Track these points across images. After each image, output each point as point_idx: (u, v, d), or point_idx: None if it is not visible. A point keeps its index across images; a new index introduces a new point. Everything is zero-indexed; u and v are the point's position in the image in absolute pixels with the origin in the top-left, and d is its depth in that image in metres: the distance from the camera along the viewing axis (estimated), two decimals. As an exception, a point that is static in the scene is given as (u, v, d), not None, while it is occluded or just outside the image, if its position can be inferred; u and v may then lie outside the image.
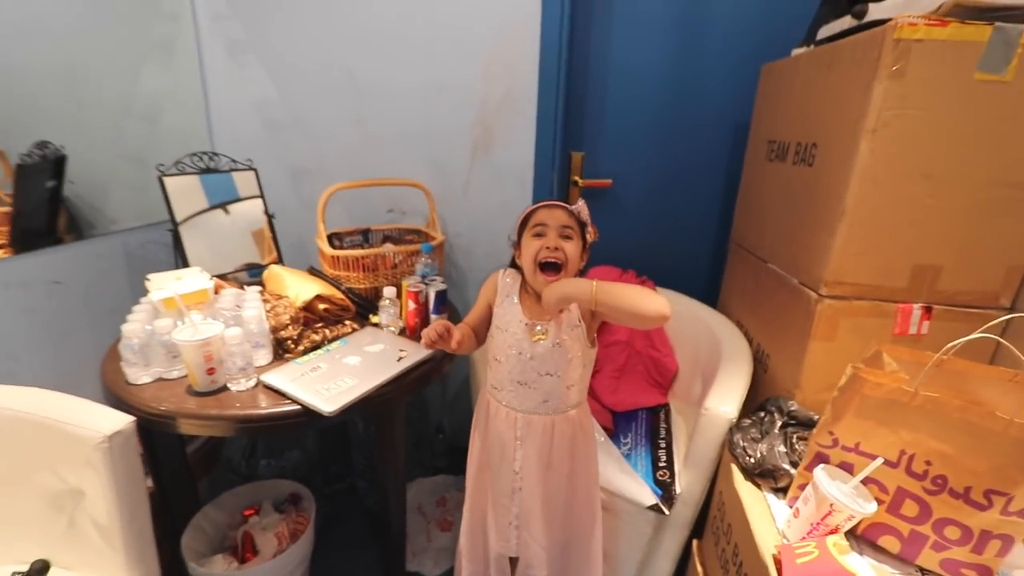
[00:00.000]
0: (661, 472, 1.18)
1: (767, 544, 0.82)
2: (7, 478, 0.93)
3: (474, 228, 1.66)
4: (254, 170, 1.51)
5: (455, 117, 1.56)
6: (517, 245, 1.03)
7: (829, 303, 0.97)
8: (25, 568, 0.91)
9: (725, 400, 1.09)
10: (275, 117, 1.67)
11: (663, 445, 1.27)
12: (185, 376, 1.02)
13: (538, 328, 1.00)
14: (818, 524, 0.78)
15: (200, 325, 1.00)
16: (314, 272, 1.42)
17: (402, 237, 1.65)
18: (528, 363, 1.00)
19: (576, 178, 1.65)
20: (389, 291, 1.30)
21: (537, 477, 1.04)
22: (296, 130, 1.67)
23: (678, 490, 1.12)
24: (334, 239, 1.55)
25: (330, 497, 1.66)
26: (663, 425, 1.35)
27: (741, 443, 1.00)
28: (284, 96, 1.65)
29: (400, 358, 1.15)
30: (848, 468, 0.81)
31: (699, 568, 1.13)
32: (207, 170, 1.44)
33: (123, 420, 0.88)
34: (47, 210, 1.29)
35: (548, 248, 0.94)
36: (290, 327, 1.15)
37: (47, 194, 1.28)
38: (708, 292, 1.62)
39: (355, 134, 1.64)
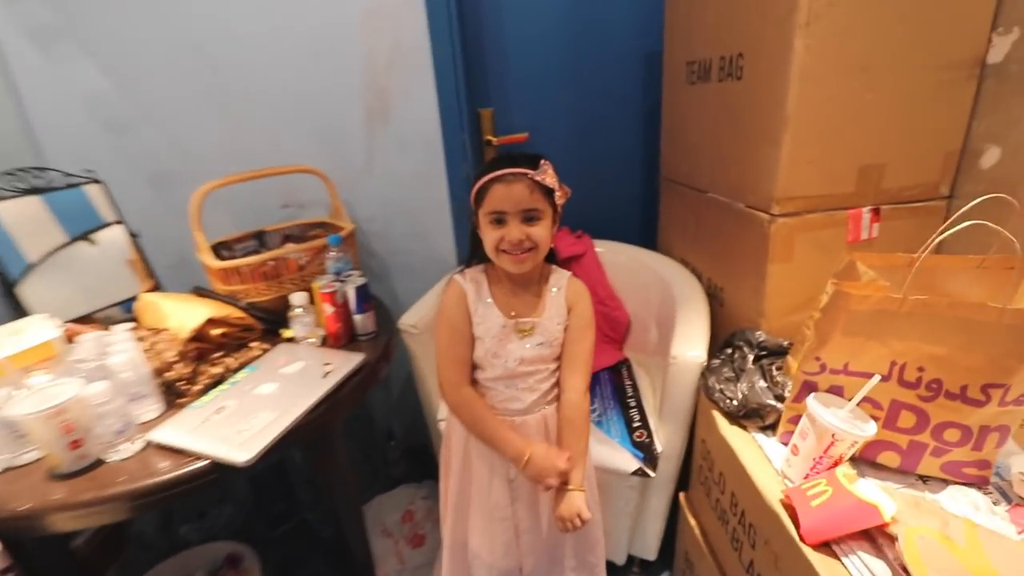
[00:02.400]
0: (638, 433, 1.10)
1: (771, 489, 0.75)
2: None
3: (387, 208, 1.47)
4: (98, 182, 1.22)
5: (340, 84, 1.33)
6: (475, 215, 0.86)
7: (783, 222, 0.90)
8: None
9: (691, 344, 1.01)
10: (116, 115, 1.36)
11: (632, 404, 1.19)
12: (43, 458, 0.79)
13: (523, 324, 0.86)
14: (821, 458, 0.72)
15: (47, 389, 0.76)
16: (201, 293, 1.18)
17: (305, 234, 1.43)
18: (516, 367, 0.86)
19: (489, 137, 1.49)
20: (298, 298, 1.09)
21: (540, 494, 0.92)
22: (146, 127, 1.38)
23: (659, 448, 1.05)
24: (222, 249, 1.30)
25: (280, 541, 1.46)
26: (628, 383, 1.28)
27: (717, 386, 0.93)
28: (122, 88, 1.34)
29: (326, 373, 0.97)
30: (838, 391, 0.76)
31: (692, 521, 1.07)
32: (33, 190, 1.13)
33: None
34: None
35: (510, 243, 0.80)
36: (179, 365, 0.93)
37: None
38: (645, 235, 1.55)
39: (221, 122, 1.37)
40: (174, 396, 0.93)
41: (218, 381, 0.96)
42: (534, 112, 1.51)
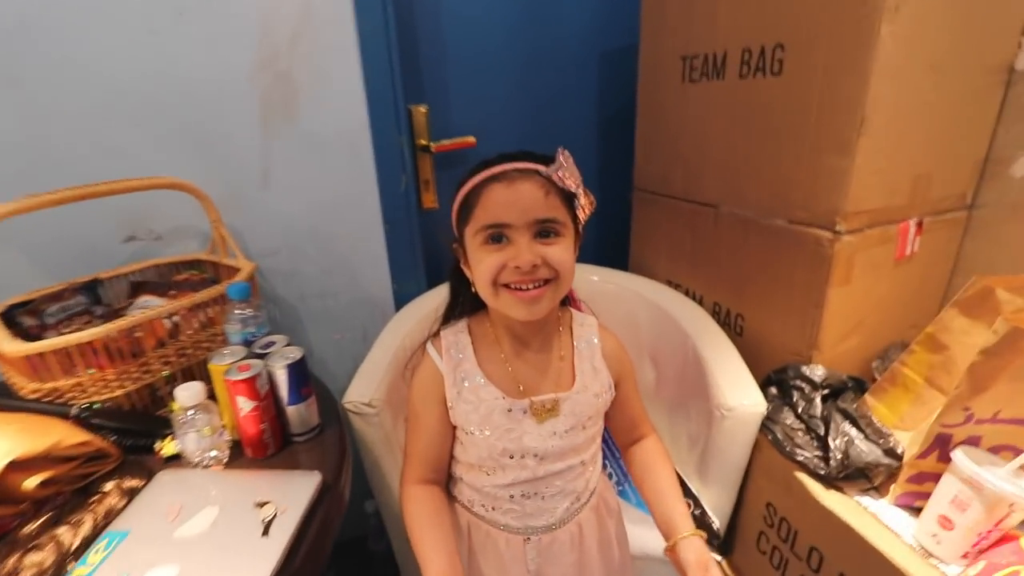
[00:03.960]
0: (680, 503, 0.89)
1: (923, 575, 0.60)
2: None
3: (294, 237, 1.06)
4: None
5: (221, 60, 0.91)
6: (460, 245, 0.58)
7: (847, 240, 0.78)
8: None
9: (744, 390, 0.84)
10: None
11: (658, 463, 0.99)
12: None
13: (541, 404, 0.58)
14: (989, 532, 0.59)
15: None
16: (-10, 403, 0.68)
17: (168, 280, 0.96)
18: (538, 468, 0.59)
19: (424, 142, 1.18)
20: (186, 392, 0.67)
21: None
22: None
23: (717, 523, 0.86)
24: (22, 316, 0.80)
25: None
26: (638, 434, 1.07)
27: (794, 441, 0.77)
28: None
29: (267, 521, 0.58)
30: (974, 442, 0.64)
31: (747, 596, 0.90)
32: None
33: None
34: None
35: (519, 269, 0.52)
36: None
37: None
38: (610, 255, 1.37)
39: (15, 116, 0.85)
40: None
41: (50, 580, 0.52)
42: (478, 112, 1.23)
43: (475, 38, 1.18)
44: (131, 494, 0.63)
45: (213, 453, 0.70)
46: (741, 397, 0.83)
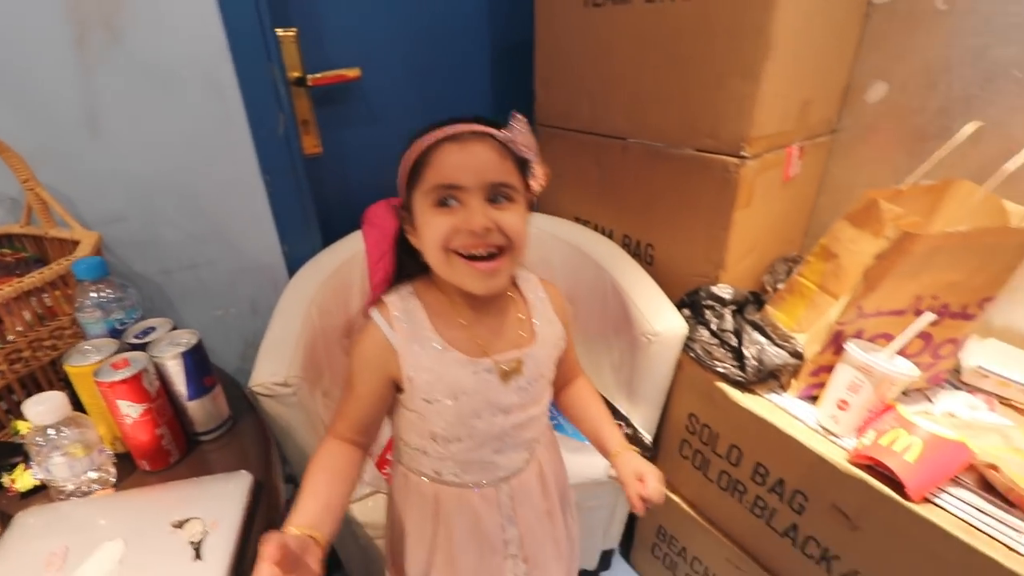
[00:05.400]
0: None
1: (826, 450, 0.70)
2: None
3: (147, 197, 0.85)
4: None
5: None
6: (407, 211, 0.53)
7: (751, 165, 0.83)
8: None
9: (666, 316, 0.88)
10: None
11: (588, 393, 1.02)
12: None
13: (506, 364, 0.55)
14: (876, 407, 0.70)
15: None
16: None
17: (-36, 265, 0.72)
18: (504, 422, 0.57)
19: (295, 73, 1.00)
20: (45, 407, 0.51)
21: (542, 541, 0.68)
22: None
23: (648, 438, 0.92)
24: None
25: None
26: (565, 370, 1.09)
27: (712, 354, 0.84)
28: None
29: (196, 543, 0.48)
30: (858, 335, 0.75)
31: (673, 497, 1.00)
32: None
33: None
34: None
35: (473, 232, 0.48)
36: None
37: None
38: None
39: None
40: None
41: None
42: (359, 40, 1.07)
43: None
44: (-17, 548, 0.48)
45: (93, 475, 0.56)
46: (664, 322, 0.88)
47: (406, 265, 0.57)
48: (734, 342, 0.84)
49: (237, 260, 0.96)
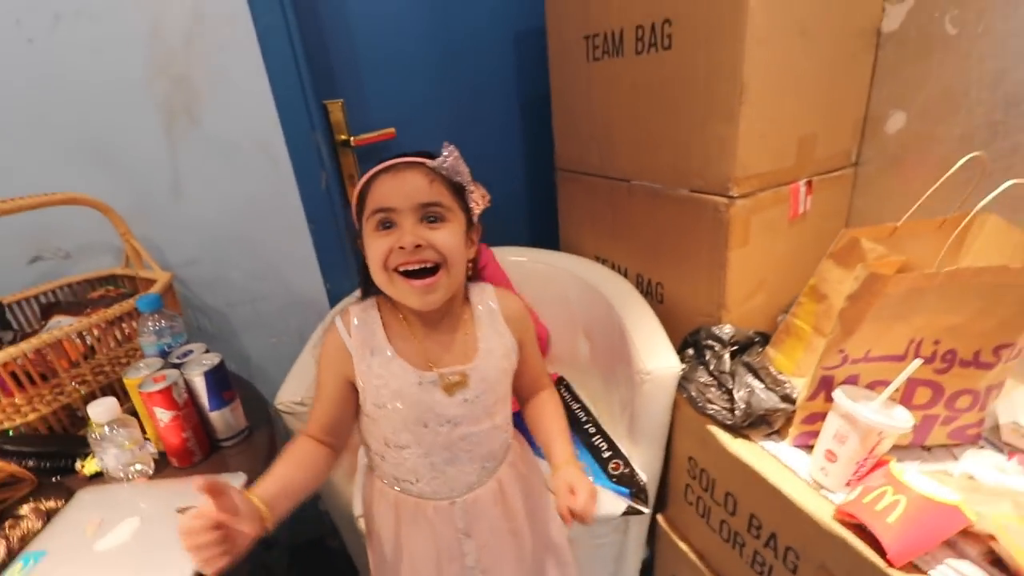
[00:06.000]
0: (613, 464, 0.94)
1: (815, 506, 0.66)
2: None
3: (214, 245, 1.05)
4: None
5: (110, 66, 0.88)
6: (359, 237, 0.61)
7: (741, 204, 0.82)
8: None
9: (661, 354, 0.88)
10: None
11: (592, 430, 1.03)
12: None
13: (451, 377, 0.60)
14: (865, 459, 0.65)
15: None
16: None
17: (84, 298, 0.94)
18: (452, 433, 0.62)
19: (344, 136, 1.18)
20: (99, 409, 0.67)
21: (501, 555, 0.70)
22: None
23: (644, 479, 0.91)
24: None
25: None
26: (575, 405, 1.11)
27: (706, 396, 0.82)
28: None
29: (190, 526, 0.59)
30: (853, 380, 0.70)
31: (682, 545, 0.96)
32: None
33: None
34: None
35: (403, 249, 0.55)
36: None
37: None
38: (541, 235, 1.40)
39: None
40: None
41: (-39, 609, 0.52)
42: (396, 104, 1.23)
43: (386, 31, 1.17)
44: (49, 515, 0.63)
45: (138, 467, 0.71)
46: (657, 361, 0.88)
47: (370, 286, 0.63)
48: (728, 384, 0.82)
49: (287, 295, 1.13)
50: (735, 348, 0.88)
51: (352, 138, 1.18)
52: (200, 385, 0.71)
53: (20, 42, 0.82)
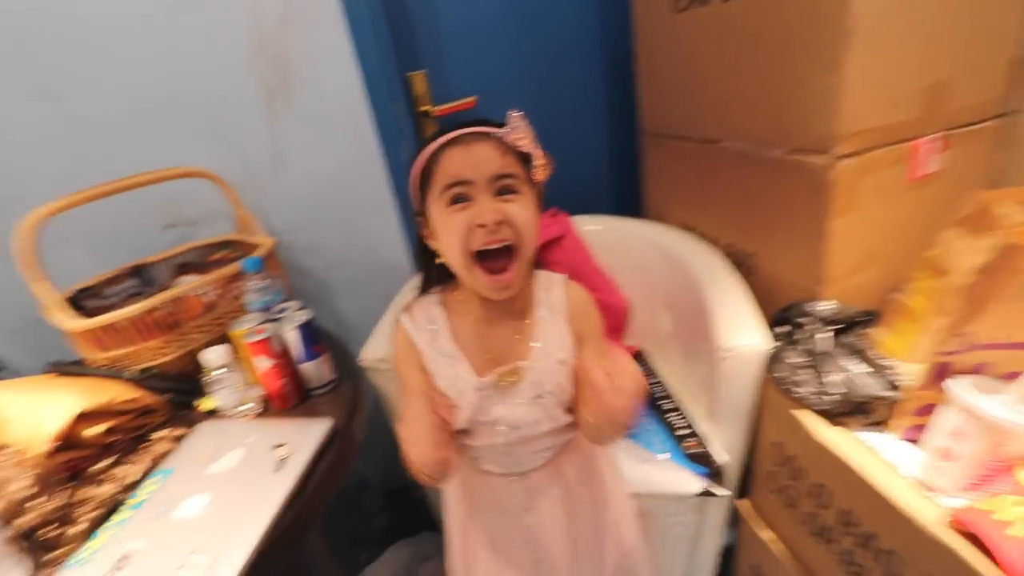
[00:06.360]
0: (688, 443, 0.90)
1: (924, 511, 0.58)
2: None
3: (312, 212, 1.14)
4: None
5: (220, 53, 0.98)
6: (423, 218, 0.60)
7: (847, 164, 0.72)
8: None
9: (746, 330, 0.82)
10: None
11: (669, 406, 1.00)
12: None
13: (507, 377, 0.60)
14: (988, 462, 0.56)
15: None
16: (64, 371, 0.81)
17: (206, 260, 1.07)
18: (510, 435, 0.62)
19: (426, 108, 1.20)
20: (215, 354, 0.77)
21: (560, 536, 0.70)
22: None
23: (722, 458, 0.86)
24: (86, 299, 0.93)
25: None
26: (652, 381, 1.08)
27: (796, 379, 0.75)
28: None
29: (281, 460, 0.67)
30: (979, 370, 0.60)
31: (766, 534, 0.90)
32: None
33: None
34: None
35: (482, 226, 0.53)
36: (38, 501, 0.59)
37: None
38: (625, 203, 1.34)
39: (50, 119, 0.97)
40: (41, 551, 0.58)
41: (112, 509, 0.63)
42: (477, 72, 1.23)
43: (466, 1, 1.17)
44: (175, 441, 0.74)
45: (247, 405, 0.80)
46: (740, 337, 0.81)
47: (431, 270, 0.63)
48: (824, 366, 0.74)
49: (374, 261, 1.20)
50: (836, 327, 0.79)
51: (432, 108, 1.20)
52: (294, 338, 0.79)
53: (149, 35, 0.94)
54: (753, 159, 0.87)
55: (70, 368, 0.81)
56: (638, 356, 1.15)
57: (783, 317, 0.85)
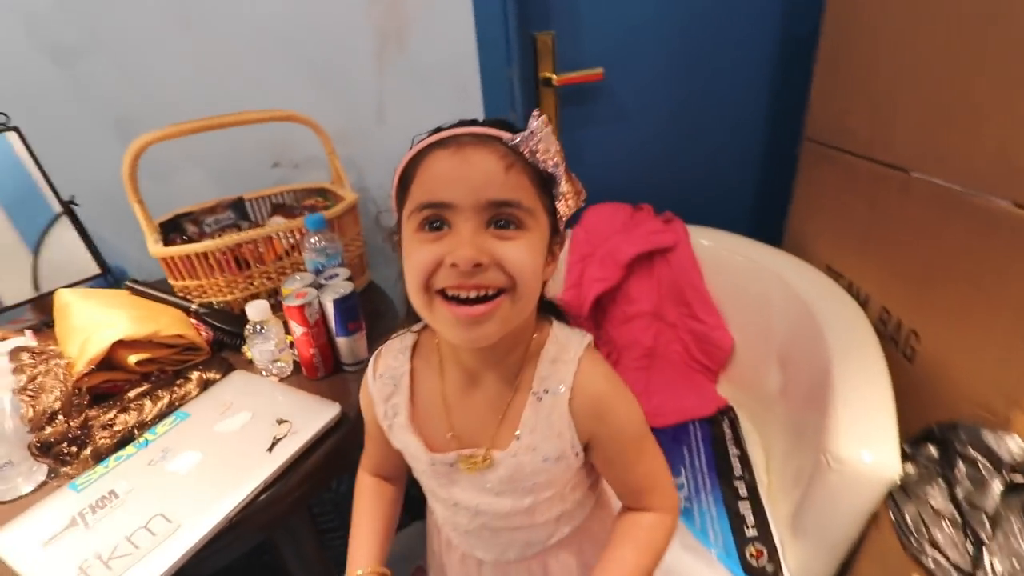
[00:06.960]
0: (753, 549, 0.71)
1: None
2: None
3: (404, 174, 1.09)
4: (14, 129, 0.91)
5: (337, -3, 0.94)
6: (398, 232, 0.45)
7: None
8: None
9: (872, 443, 0.59)
10: (62, 39, 1.03)
11: (743, 490, 0.80)
12: None
13: (470, 456, 0.47)
14: None
15: None
16: (136, 291, 0.87)
17: (299, 204, 1.09)
18: (473, 521, 0.51)
19: (548, 74, 1.06)
20: (256, 308, 0.75)
21: None
22: (100, 55, 1.04)
23: (791, 585, 0.66)
24: (187, 223, 0.99)
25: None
26: (734, 450, 0.87)
27: (929, 532, 0.52)
28: (66, 8, 1.01)
29: (275, 440, 0.63)
30: None
31: None
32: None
33: None
34: None
35: (455, 266, 0.38)
36: (58, 420, 0.62)
37: None
38: (763, 224, 1.08)
39: (188, 48, 1.02)
40: (61, 464, 0.63)
41: (126, 438, 0.65)
42: (611, 39, 1.05)
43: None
44: (206, 385, 0.75)
45: (280, 364, 0.79)
46: (860, 447, 0.59)
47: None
48: (981, 530, 0.50)
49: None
50: (1016, 476, 0.53)
51: (555, 76, 1.05)
52: (330, 310, 0.75)
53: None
54: (956, 203, 0.60)
55: (140, 289, 0.86)
56: (725, 414, 0.94)
57: (938, 436, 0.60)
